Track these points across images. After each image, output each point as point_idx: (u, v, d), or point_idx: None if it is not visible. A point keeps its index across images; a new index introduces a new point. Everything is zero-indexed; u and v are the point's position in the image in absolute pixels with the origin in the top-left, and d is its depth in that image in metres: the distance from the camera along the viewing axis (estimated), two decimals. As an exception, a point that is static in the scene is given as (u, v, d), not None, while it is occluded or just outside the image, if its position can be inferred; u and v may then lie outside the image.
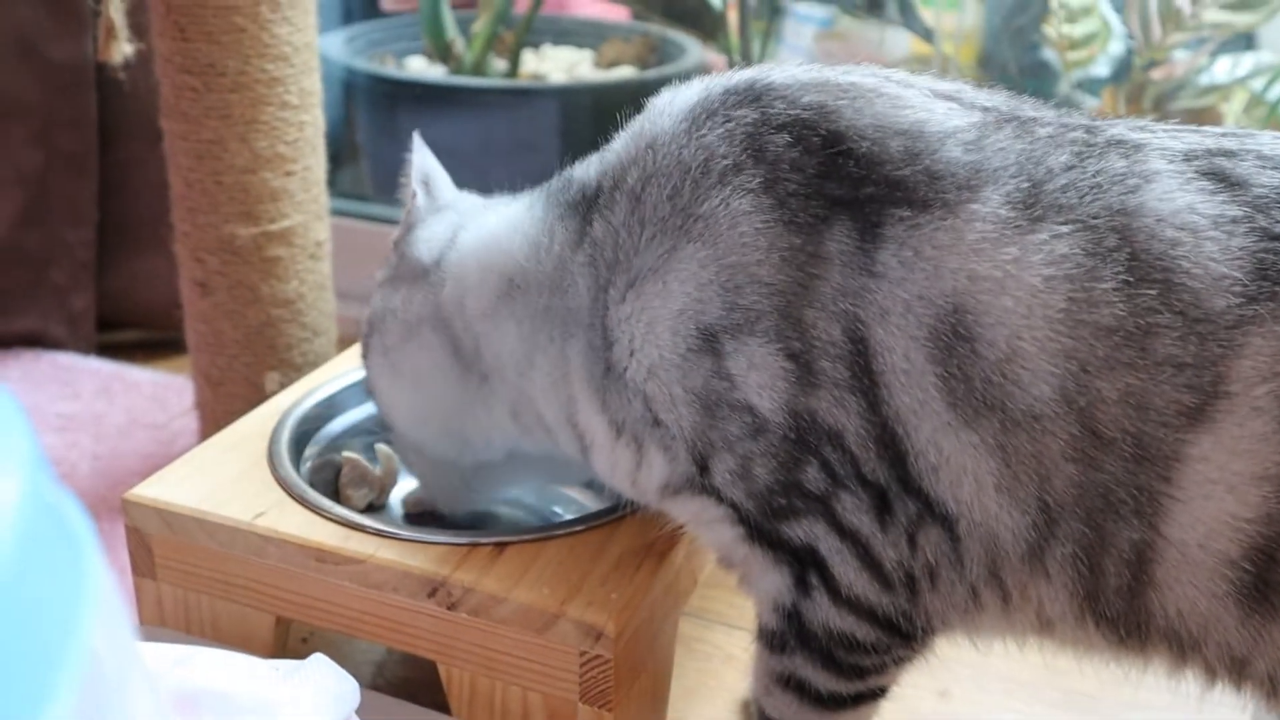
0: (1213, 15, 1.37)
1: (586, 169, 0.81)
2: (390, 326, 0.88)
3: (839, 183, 0.69)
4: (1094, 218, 0.64)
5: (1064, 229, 0.64)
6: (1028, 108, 0.72)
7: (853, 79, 0.73)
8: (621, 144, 0.78)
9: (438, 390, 0.87)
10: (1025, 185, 0.66)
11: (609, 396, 0.76)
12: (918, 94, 0.72)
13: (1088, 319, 0.63)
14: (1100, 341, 0.62)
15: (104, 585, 0.37)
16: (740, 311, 0.70)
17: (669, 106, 0.76)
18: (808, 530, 0.72)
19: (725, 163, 0.71)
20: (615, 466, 0.79)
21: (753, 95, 0.73)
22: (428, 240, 0.88)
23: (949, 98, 0.72)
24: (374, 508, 1.00)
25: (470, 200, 0.91)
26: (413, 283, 0.87)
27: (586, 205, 0.78)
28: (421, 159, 0.92)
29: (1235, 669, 0.66)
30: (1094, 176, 0.65)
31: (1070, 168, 0.66)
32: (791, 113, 0.71)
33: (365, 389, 0.95)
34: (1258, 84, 1.41)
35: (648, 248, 0.73)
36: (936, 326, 0.66)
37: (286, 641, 0.93)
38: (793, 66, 0.75)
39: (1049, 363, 0.63)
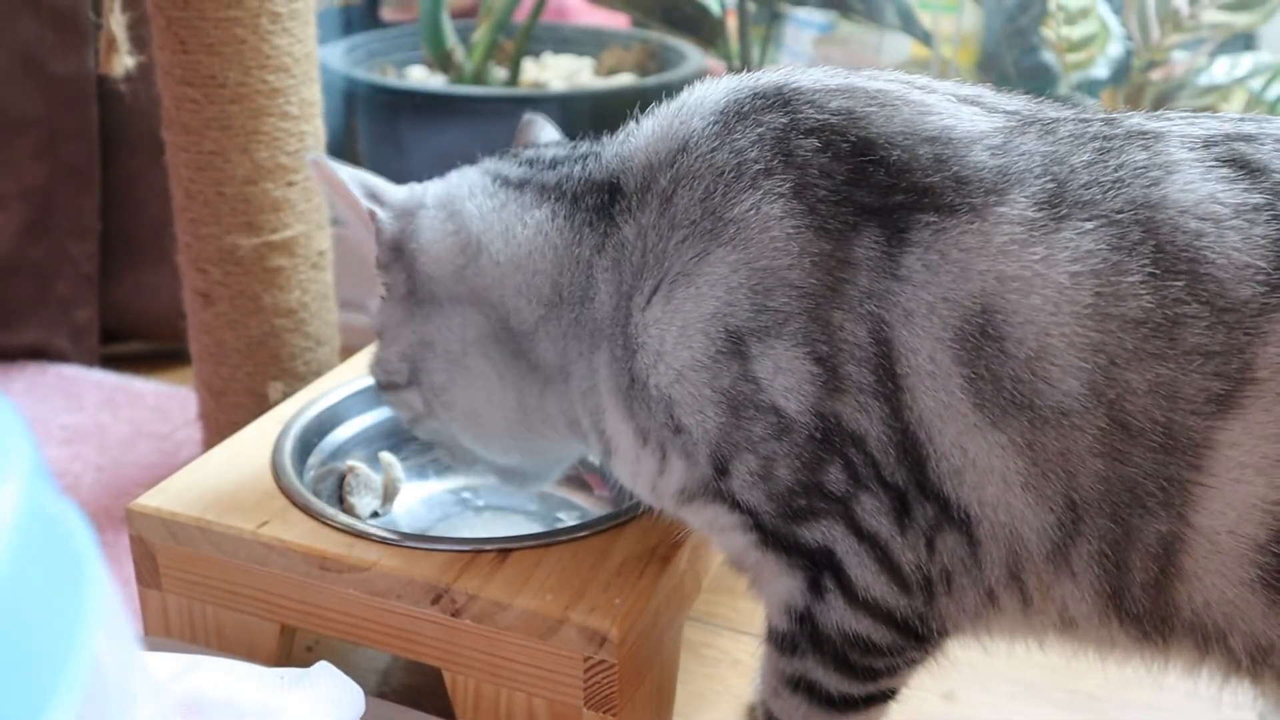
0: (1211, 16, 1.37)
1: (604, 167, 0.80)
2: (436, 359, 0.84)
3: (869, 190, 0.69)
4: (1118, 213, 0.65)
5: (1089, 225, 0.65)
6: (1048, 109, 0.73)
7: (879, 85, 0.73)
8: (647, 143, 0.77)
9: (514, 403, 0.84)
10: (1050, 186, 0.66)
11: (635, 405, 0.76)
12: (941, 99, 0.72)
13: (1115, 312, 0.63)
14: (1128, 334, 0.63)
15: (105, 593, 0.37)
16: (769, 314, 0.70)
17: (699, 107, 0.76)
18: (826, 533, 0.72)
19: (757, 167, 0.71)
20: (638, 474, 0.80)
21: (782, 100, 0.73)
22: (434, 249, 0.82)
23: (972, 102, 0.73)
24: (378, 515, 1.00)
25: (426, 191, 0.85)
26: (442, 305, 0.83)
27: (610, 205, 0.78)
28: (349, 173, 0.85)
29: (1259, 658, 0.66)
30: (1115, 171, 0.66)
31: (1092, 164, 0.67)
32: (820, 117, 0.72)
33: (435, 437, 0.92)
34: (1257, 84, 1.41)
35: (678, 251, 0.73)
36: (963, 328, 0.66)
37: (291, 650, 0.94)
38: (818, 71, 0.76)
39: (1078, 357, 0.64)
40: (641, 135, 0.79)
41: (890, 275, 0.67)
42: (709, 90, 0.77)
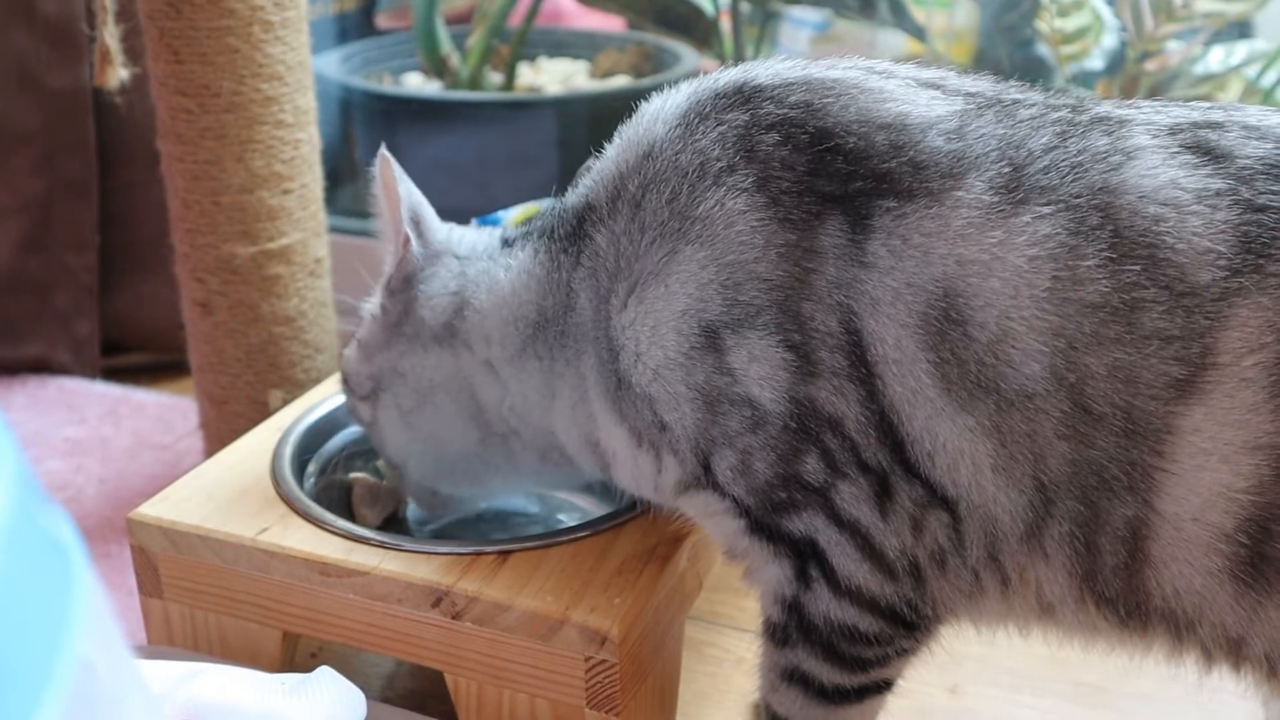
0: (1205, 4, 1.36)
1: (577, 194, 0.83)
2: (402, 389, 0.88)
3: (829, 179, 0.70)
4: (1076, 197, 0.65)
5: (1046, 210, 0.65)
6: (1012, 90, 0.73)
7: (836, 74, 0.74)
8: (616, 153, 0.79)
9: (457, 449, 0.89)
10: (1007, 170, 0.67)
11: (624, 407, 0.78)
12: (900, 85, 0.73)
13: (1073, 296, 0.64)
14: (1086, 318, 0.63)
15: (93, 598, 0.37)
16: (741, 307, 0.71)
17: (661, 113, 0.77)
18: (808, 523, 0.73)
19: (720, 165, 0.72)
20: (639, 476, 0.81)
21: (742, 98, 0.74)
22: (435, 300, 0.86)
23: (932, 86, 0.73)
24: (387, 523, 1.00)
25: (462, 240, 0.88)
26: (424, 346, 0.87)
27: (579, 224, 0.80)
28: (407, 191, 0.87)
29: (1231, 650, 0.66)
30: (1076, 156, 0.66)
31: (1052, 148, 0.67)
32: (780, 112, 0.72)
33: (370, 436, 0.95)
34: (1252, 71, 1.41)
35: (648, 252, 0.74)
36: (927, 312, 0.67)
37: (294, 656, 0.94)
38: (776, 63, 0.77)
39: (1038, 341, 0.64)
40: (611, 148, 0.81)
41: (856, 262, 0.68)
42: (671, 96, 0.79)
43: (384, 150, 0.86)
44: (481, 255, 0.86)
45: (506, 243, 0.86)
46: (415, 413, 0.89)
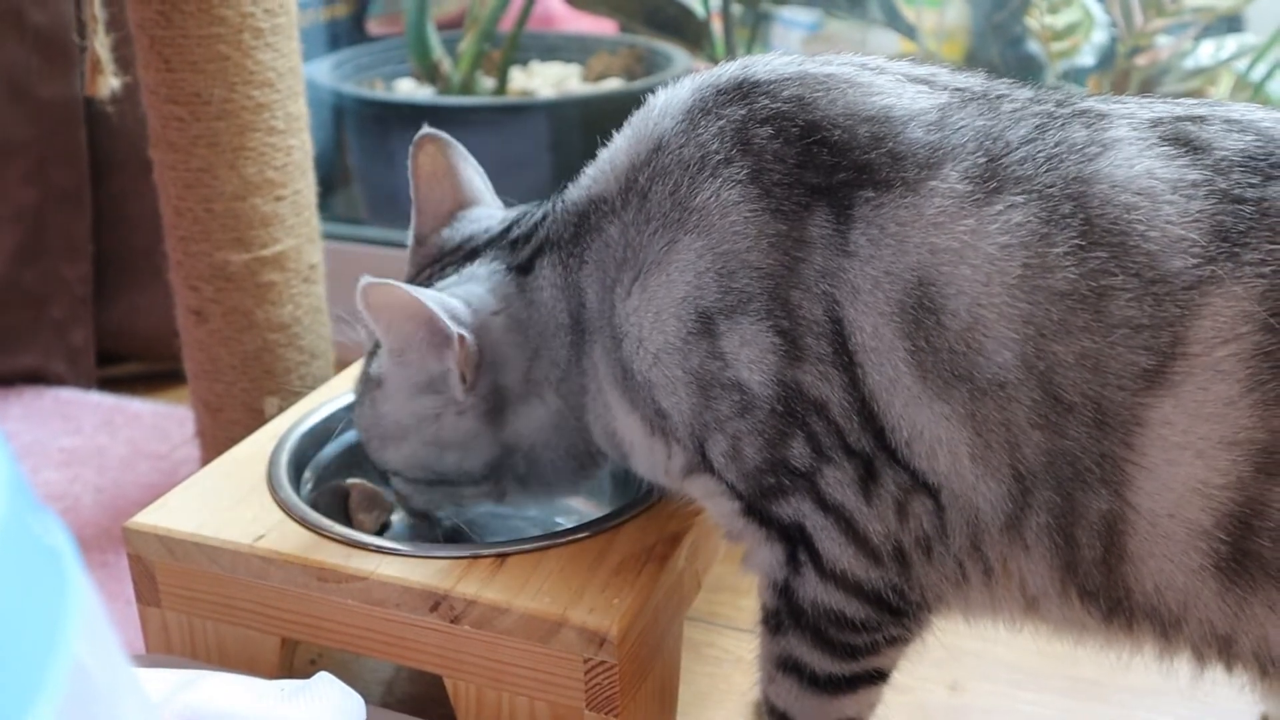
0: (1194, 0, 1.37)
1: (578, 191, 0.84)
2: (516, 460, 0.89)
3: (816, 171, 0.71)
4: (1050, 187, 0.65)
5: (1019, 199, 0.65)
6: (1000, 85, 0.74)
7: (829, 70, 0.76)
8: (627, 146, 0.81)
9: (564, 475, 0.91)
10: (982, 160, 0.67)
11: (634, 395, 0.79)
12: (890, 79, 0.74)
13: (1042, 284, 0.64)
14: (1055, 305, 0.64)
15: (88, 603, 0.37)
16: (733, 294, 0.73)
17: (668, 107, 0.79)
18: (796, 507, 0.74)
19: (718, 158, 0.74)
20: (654, 463, 0.82)
21: (741, 93, 0.76)
22: (514, 363, 0.85)
23: (922, 81, 0.74)
24: (388, 528, 1.00)
25: (478, 296, 0.85)
26: (516, 412, 0.87)
27: (583, 220, 0.82)
28: (429, 296, 0.82)
29: (1222, 649, 0.66)
30: (1053, 147, 0.67)
31: (1029, 140, 0.67)
32: (773, 106, 0.74)
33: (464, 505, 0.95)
34: (1242, 65, 1.41)
35: (652, 241, 0.76)
36: (903, 300, 0.67)
37: (293, 663, 0.94)
38: (774, 58, 0.78)
39: (1009, 329, 0.65)
40: (620, 140, 0.82)
41: (841, 252, 0.69)
42: (677, 90, 0.80)
43: (369, 279, 0.80)
44: (513, 296, 0.85)
45: (523, 269, 0.85)
46: (530, 473, 0.90)
